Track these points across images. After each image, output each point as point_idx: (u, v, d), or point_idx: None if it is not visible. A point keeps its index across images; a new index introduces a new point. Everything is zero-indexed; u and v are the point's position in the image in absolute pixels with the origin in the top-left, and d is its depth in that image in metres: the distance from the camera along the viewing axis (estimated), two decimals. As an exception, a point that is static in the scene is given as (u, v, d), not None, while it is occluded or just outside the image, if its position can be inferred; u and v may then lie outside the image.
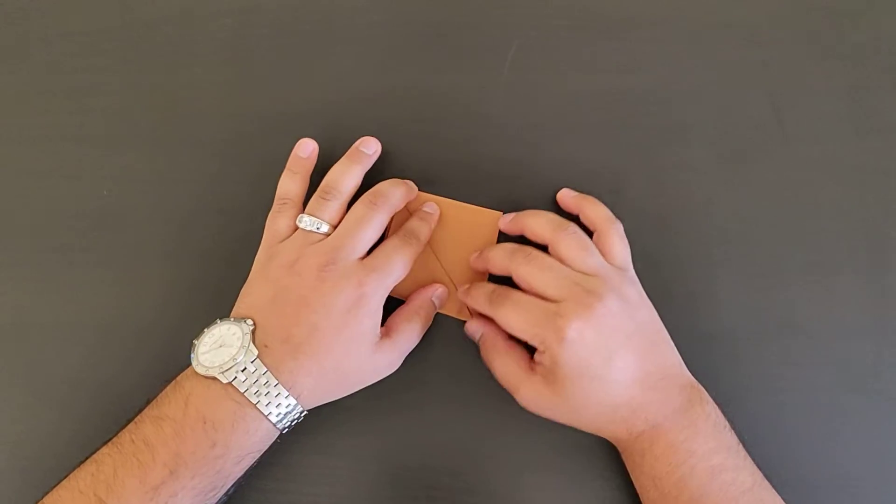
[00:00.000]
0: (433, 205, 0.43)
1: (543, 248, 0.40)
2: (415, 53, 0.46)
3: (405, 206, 0.43)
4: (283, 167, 0.44)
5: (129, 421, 0.36)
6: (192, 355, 0.36)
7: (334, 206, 0.40)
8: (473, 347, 0.42)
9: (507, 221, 0.42)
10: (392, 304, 0.43)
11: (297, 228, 0.40)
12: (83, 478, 0.34)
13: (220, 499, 0.37)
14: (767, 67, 0.45)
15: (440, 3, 0.47)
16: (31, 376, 0.44)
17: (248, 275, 0.41)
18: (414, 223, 0.42)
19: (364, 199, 0.40)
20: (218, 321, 0.37)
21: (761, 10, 0.45)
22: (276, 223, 0.41)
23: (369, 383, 0.40)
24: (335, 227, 0.39)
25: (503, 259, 0.39)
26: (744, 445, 0.37)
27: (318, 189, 0.41)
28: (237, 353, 0.35)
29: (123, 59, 0.47)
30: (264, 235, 0.41)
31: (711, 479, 0.35)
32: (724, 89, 0.45)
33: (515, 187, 0.44)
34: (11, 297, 0.45)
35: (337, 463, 0.42)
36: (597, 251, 0.39)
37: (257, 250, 0.42)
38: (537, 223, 0.40)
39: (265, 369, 0.35)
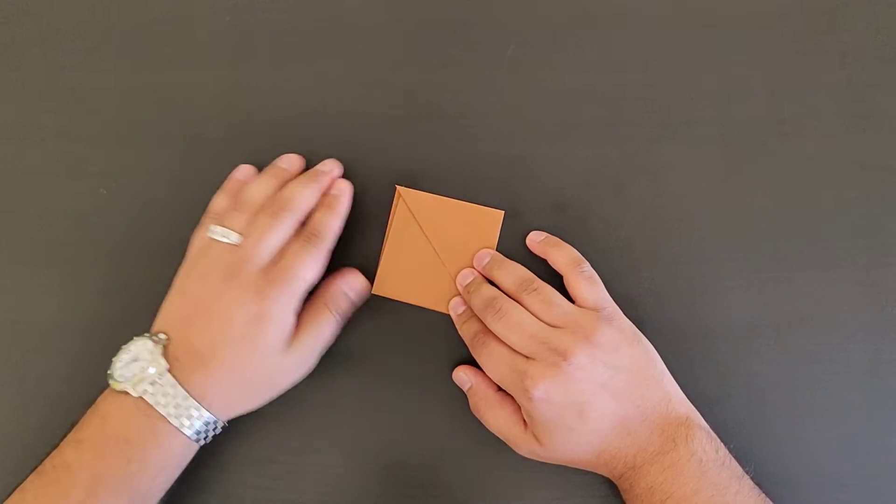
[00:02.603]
0: (343, 187, 0.41)
1: None
2: (413, 52, 0.46)
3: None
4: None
5: (54, 447, 0.36)
6: (109, 371, 0.37)
7: (242, 217, 0.39)
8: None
9: (483, 265, 0.42)
10: (388, 304, 0.43)
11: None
12: None
13: None
14: (768, 64, 0.45)
15: (438, 2, 0.46)
16: (26, 374, 0.44)
17: None
18: (317, 216, 0.40)
19: (265, 209, 0.39)
20: (135, 337, 0.37)
21: (761, 6, 0.45)
22: (196, 236, 0.41)
23: (287, 387, 0.39)
24: None
25: (479, 309, 0.40)
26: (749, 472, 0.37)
27: (232, 202, 0.41)
28: (147, 366, 0.36)
29: (120, 57, 0.47)
30: (188, 249, 0.41)
31: None
32: (725, 86, 0.45)
33: (515, 186, 0.44)
34: (8, 296, 0.45)
35: (334, 462, 0.42)
36: (563, 301, 0.39)
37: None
38: (504, 279, 0.41)
39: (174, 381, 0.36)
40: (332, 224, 0.40)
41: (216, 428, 0.37)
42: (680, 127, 0.45)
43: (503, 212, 0.44)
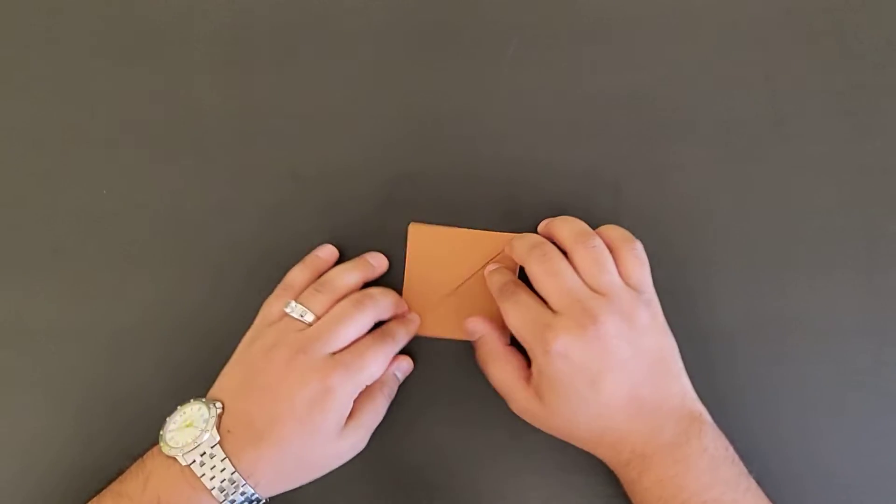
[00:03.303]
0: (416, 316, 0.43)
1: None
2: (414, 53, 0.46)
3: None
4: (284, 169, 0.44)
5: (97, 492, 0.37)
6: (161, 432, 0.37)
7: (324, 299, 0.39)
8: (473, 350, 0.42)
9: (543, 226, 0.42)
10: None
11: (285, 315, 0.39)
12: None
13: None
14: (767, 67, 0.45)
15: (438, 3, 0.46)
16: (29, 379, 0.44)
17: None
18: (393, 325, 0.41)
19: (351, 298, 0.40)
20: (192, 400, 0.37)
21: (761, 9, 0.45)
22: (270, 307, 0.41)
23: (333, 468, 0.39)
24: None
25: (523, 249, 0.39)
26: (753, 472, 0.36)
27: (314, 283, 0.41)
28: (199, 435, 0.35)
29: (123, 59, 0.47)
30: (257, 317, 0.41)
31: None
32: (724, 88, 0.45)
33: (515, 187, 0.44)
34: (9, 300, 0.45)
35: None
36: (613, 270, 0.38)
37: (258, 253, 0.42)
38: (563, 228, 0.40)
39: (224, 456, 0.35)
40: (403, 337, 0.41)
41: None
42: (680, 127, 0.45)
43: (498, 233, 0.43)
